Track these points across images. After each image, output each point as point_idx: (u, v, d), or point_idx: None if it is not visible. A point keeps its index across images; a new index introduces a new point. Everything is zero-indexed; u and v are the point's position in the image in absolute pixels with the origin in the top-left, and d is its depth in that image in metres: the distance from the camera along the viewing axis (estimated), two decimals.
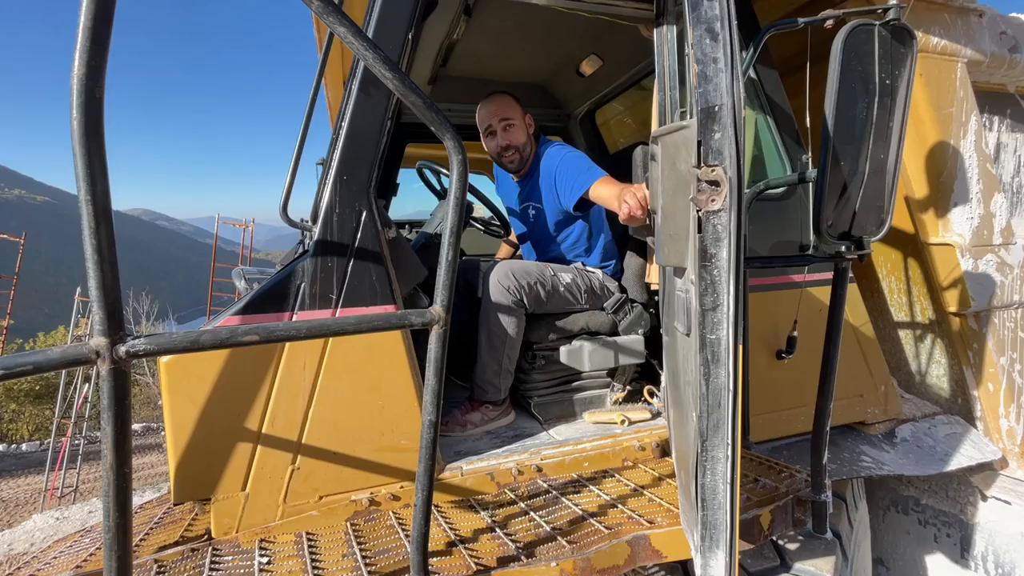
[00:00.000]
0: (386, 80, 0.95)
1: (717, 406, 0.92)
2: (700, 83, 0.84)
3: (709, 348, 0.90)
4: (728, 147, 0.83)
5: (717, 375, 0.90)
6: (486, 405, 2.05)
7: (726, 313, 0.87)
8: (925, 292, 2.60)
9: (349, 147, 1.55)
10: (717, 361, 0.89)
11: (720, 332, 0.89)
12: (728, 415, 0.90)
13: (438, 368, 1.07)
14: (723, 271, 0.86)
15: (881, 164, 1.21)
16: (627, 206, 1.41)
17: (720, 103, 0.83)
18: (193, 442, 1.44)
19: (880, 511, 3.29)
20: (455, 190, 1.04)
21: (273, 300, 1.50)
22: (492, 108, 2.21)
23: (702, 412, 0.93)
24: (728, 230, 0.85)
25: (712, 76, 0.84)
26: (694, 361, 0.94)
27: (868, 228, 1.28)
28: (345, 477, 1.57)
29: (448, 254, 1.05)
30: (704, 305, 0.89)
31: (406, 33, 1.59)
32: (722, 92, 0.83)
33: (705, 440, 0.94)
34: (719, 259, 0.87)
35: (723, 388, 0.91)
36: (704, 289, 0.88)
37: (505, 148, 2.20)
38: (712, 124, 0.84)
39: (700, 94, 0.84)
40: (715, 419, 0.92)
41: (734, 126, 0.83)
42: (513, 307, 1.95)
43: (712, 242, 0.86)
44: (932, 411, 2.56)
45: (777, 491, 1.55)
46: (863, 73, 1.16)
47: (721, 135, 0.84)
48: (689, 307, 0.96)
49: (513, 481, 1.72)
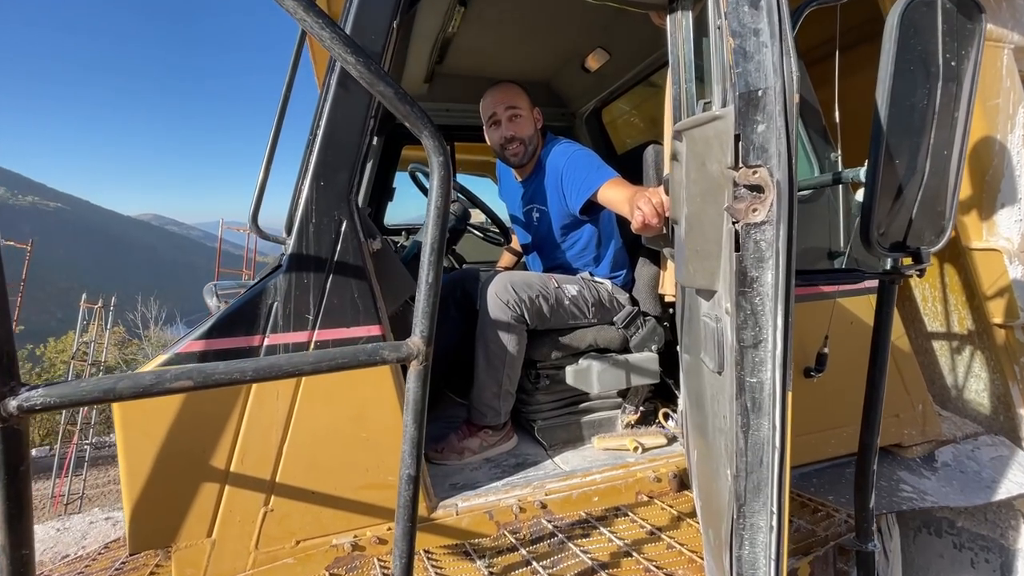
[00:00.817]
0: (348, 65, 0.78)
1: (759, 464, 0.74)
2: (738, 61, 0.66)
3: (749, 393, 0.72)
4: (776, 142, 0.65)
5: (759, 427, 0.72)
6: (485, 430, 1.88)
7: (771, 351, 0.69)
8: (964, 300, 2.38)
9: (327, 148, 1.38)
10: (759, 410, 0.71)
11: (763, 375, 0.71)
12: (773, 476, 0.72)
13: (418, 412, 0.90)
14: (767, 299, 0.68)
15: (943, 161, 1.03)
16: (641, 213, 1.23)
17: (765, 86, 0.65)
18: (151, 483, 1.27)
19: (911, 532, 3.06)
20: (435, 198, 0.87)
21: (242, 322, 1.33)
22: (498, 95, 2.02)
23: (739, 471, 0.75)
24: (774, 248, 0.67)
25: (753, 52, 0.65)
26: (728, 407, 0.76)
27: (926, 237, 1.09)
28: (325, 519, 1.41)
29: (428, 275, 0.87)
30: (743, 340, 0.71)
31: (391, 20, 1.41)
32: (767, 72, 0.65)
33: (743, 504, 0.76)
34: (762, 284, 0.68)
35: (766, 443, 0.72)
36: (743, 321, 0.70)
37: (509, 140, 2.01)
38: (754, 113, 0.66)
39: (738, 75, 0.66)
40: (756, 480, 0.74)
41: (784, 115, 0.64)
42: (513, 323, 1.77)
43: (754, 263, 0.68)
44: (974, 431, 2.34)
45: (815, 536, 1.36)
46: (923, 54, 0.98)
47: (766, 127, 0.65)
48: (721, 340, 0.78)
49: (514, 520, 1.54)
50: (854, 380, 1.83)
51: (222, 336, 1.32)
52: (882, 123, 0.98)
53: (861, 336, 2.06)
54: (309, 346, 1.38)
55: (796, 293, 1.99)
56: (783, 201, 0.66)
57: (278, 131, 1.58)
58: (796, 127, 0.66)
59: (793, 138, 0.66)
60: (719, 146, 0.71)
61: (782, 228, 0.67)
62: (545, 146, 2.07)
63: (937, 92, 0.99)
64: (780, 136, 0.65)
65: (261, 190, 1.57)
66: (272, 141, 1.57)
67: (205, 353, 1.31)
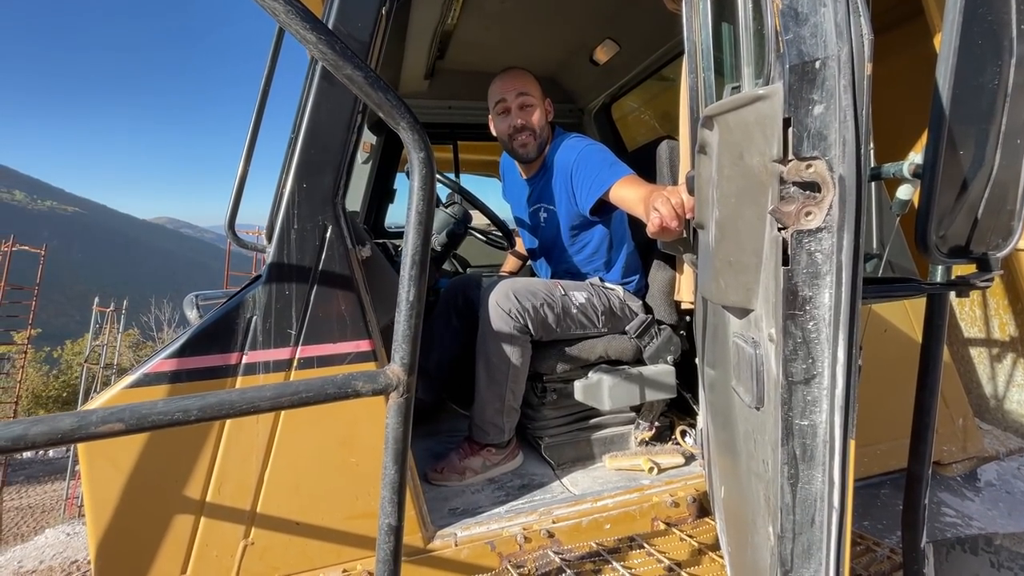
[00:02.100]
0: (308, 44, 0.65)
1: (809, 525, 0.60)
2: (787, 26, 0.51)
3: (798, 439, 0.58)
4: (839, 128, 0.50)
5: (810, 479, 0.58)
6: (488, 448, 1.74)
7: (827, 389, 0.55)
8: (1006, 305, 2.21)
9: (310, 147, 1.26)
10: (811, 460, 0.57)
11: (817, 417, 0.56)
12: (830, 541, 0.58)
13: (399, 452, 0.77)
14: (824, 324, 0.54)
15: (1016, 150, 0.87)
16: (658, 215, 1.09)
17: (824, 55, 0.50)
18: (119, 516, 1.16)
19: (943, 549, 2.88)
20: (416, 202, 0.74)
21: (218, 338, 1.22)
22: (508, 81, 1.86)
23: (785, 530, 0.61)
24: (834, 261, 0.53)
25: (808, 13, 0.50)
26: (771, 453, 0.62)
27: (991, 240, 0.93)
28: (311, 552, 1.29)
29: (409, 292, 0.75)
30: (791, 375, 0.57)
31: (379, 6, 1.29)
32: (827, 37, 0.50)
33: (788, 571, 0.62)
34: (817, 306, 0.54)
35: (819, 499, 0.58)
36: (793, 351, 0.56)
37: (519, 129, 1.85)
38: (810, 90, 0.51)
39: (788, 43, 0.51)
40: (805, 543, 0.60)
41: (852, 93, 0.50)
42: (516, 334, 1.63)
43: (807, 280, 0.54)
44: (1019, 446, 2.16)
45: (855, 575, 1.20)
46: (995, 25, 0.83)
47: (825, 108, 0.51)
48: (761, 370, 0.64)
49: (518, 551, 1.41)
50: (890, 393, 1.67)
51: (196, 354, 1.21)
52: (944, 108, 0.83)
53: (897, 344, 1.90)
54: (292, 363, 1.27)
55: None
56: (848, 203, 0.52)
57: (256, 129, 1.46)
58: (868, 107, 0.52)
59: (864, 122, 0.51)
60: (761, 134, 0.57)
61: (845, 236, 0.52)
62: (553, 141, 1.93)
63: (1010, 71, 0.83)
64: (845, 119, 0.50)
65: (239, 193, 1.45)
66: (250, 140, 1.46)
67: (178, 372, 1.19)
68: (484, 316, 1.66)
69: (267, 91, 1.46)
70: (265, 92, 1.45)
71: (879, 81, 1.80)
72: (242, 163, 1.41)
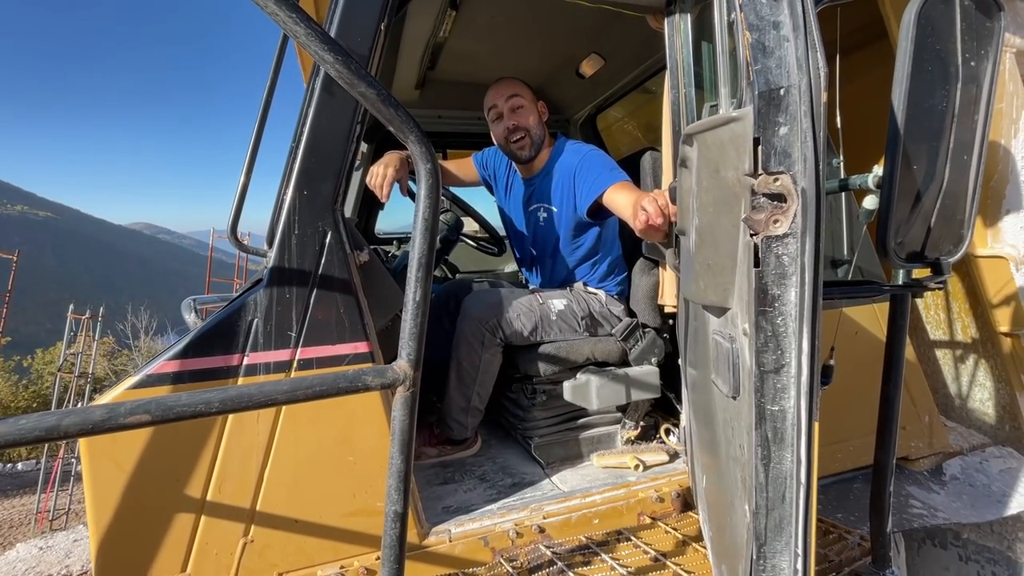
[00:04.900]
0: (326, 64, 0.71)
1: (780, 501, 0.67)
2: (756, 57, 0.60)
3: (769, 423, 0.65)
4: (800, 146, 0.58)
5: (781, 459, 0.65)
6: (447, 444, 1.85)
7: (795, 377, 0.63)
8: (967, 308, 2.34)
9: (310, 156, 1.31)
10: (781, 441, 0.64)
11: (786, 402, 0.64)
12: (798, 514, 0.65)
13: (405, 443, 0.82)
14: (790, 319, 0.62)
15: (963, 166, 0.97)
16: (645, 214, 1.16)
17: (787, 84, 0.59)
18: (120, 514, 1.18)
19: (915, 544, 3.00)
20: (423, 208, 0.80)
21: (220, 340, 1.25)
22: (499, 87, 1.95)
23: (759, 507, 0.68)
24: (799, 263, 0.60)
25: (774, 47, 0.59)
26: (746, 437, 0.69)
27: (944, 246, 1.03)
28: (309, 549, 1.32)
29: (416, 292, 0.80)
30: (763, 364, 0.64)
31: (379, 22, 1.35)
32: (790, 68, 0.59)
33: (763, 544, 0.69)
34: (785, 303, 0.62)
35: (789, 477, 0.66)
36: (764, 343, 0.63)
37: (513, 130, 1.92)
38: (775, 114, 0.59)
39: (757, 72, 0.59)
40: (777, 518, 0.67)
41: (811, 117, 0.58)
42: (486, 341, 1.73)
43: (775, 280, 0.62)
44: (981, 442, 2.29)
45: (828, 561, 1.28)
46: (942, 53, 0.92)
47: (789, 130, 0.59)
48: (737, 362, 0.71)
49: (511, 546, 1.46)
50: (861, 392, 1.77)
51: (198, 355, 1.24)
52: (899, 126, 0.92)
53: (867, 346, 2.01)
54: (292, 365, 1.30)
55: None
56: (809, 211, 0.60)
57: (259, 137, 1.50)
58: (824, 130, 0.60)
59: (821, 142, 0.59)
60: (735, 151, 0.64)
61: (807, 241, 0.60)
62: (556, 144, 2.01)
63: (956, 93, 0.93)
64: (805, 139, 0.59)
65: (241, 199, 1.49)
66: (253, 147, 1.50)
67: (180, 374, 1.22)
68: (459, 321, 1.76)
69: (269, 101, 1.50)
70: (267, 102, 1.50)
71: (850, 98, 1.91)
72: (244, 171, 1.45)
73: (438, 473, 1.83)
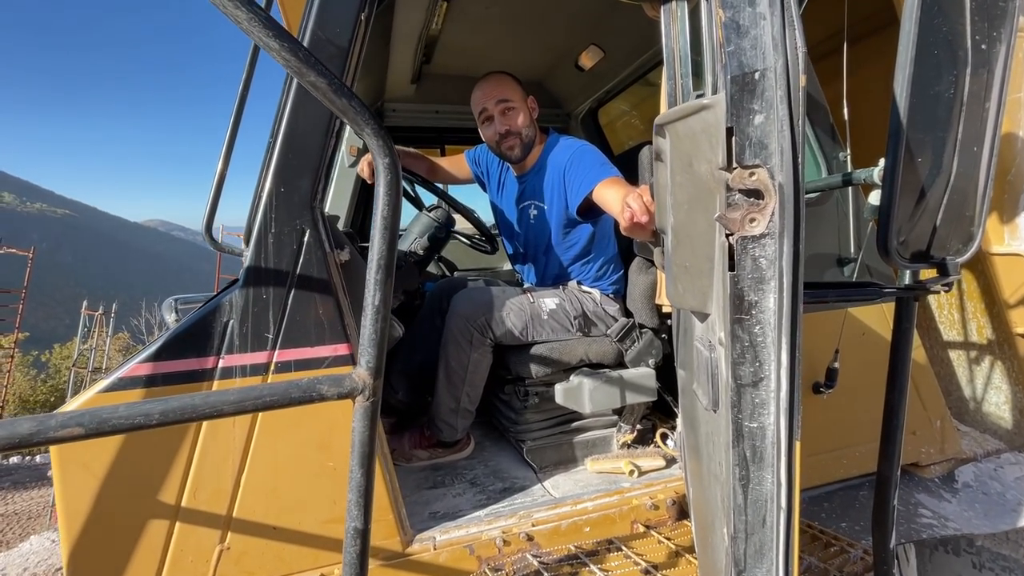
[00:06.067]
0: (271, 51, 0.66)
1: (760, 525, 0.61)
2: (729, 38, 0.53)
3: (747, 440, 0.59)
4: (777, 137, 0.52)
5: (760, 481, 0.60)
6: (438, 446, 1.81)
7: (774, 392, 0.57)
8: (983, 308, 2.24)
9: (287, 151, 1.26)
10: (760, 461, 0.59)
11: (764, 419, 0.58)
12: (779, 540, 0.59)
13: (365, 455, 0.78)
14: (769, 328, 0.56)
15: (972, 159, 0.90)
16: (629, 210, 1.10)
17: (763, 67, 0.52)
18: (92, 521, 1.16)
19: (927, 550, 2.91)
20: (382, 207, 0.75)
21: (194, 342, 1.22)
22: (487, 89, 1.89)
23: (737, 531, 0.62)
24: (777, 266, 0.54)
25: (748, 26, 0.52)
26: (724, 454, 0.64)
27: (952, 246, 0.95)
28: (287, 556, 1.29)
29: (375, 296, 0.75)
30: (740, 377, 0.58)
31: (359, 12, 1.30)
32: (765, 49, 0.52)
33: (742, 572, 0.63)
34: (763, 310, 0.56)
35: (769, 500, 0.60)
36: (740, 354, 0.57)
37: (505, 134, 1.87)
38: (750, 100, 0.52)
39: (730, 55, 0.53)
40: (757, 543, 0.62)
41: (788, 103, 0.52)
42: (474, 340, 1.68)
43: (752, 285, 0.56)
44: (996, 448, 2.19)
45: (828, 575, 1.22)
46: (949, 35, 0.85)
47: (765, 118, 0.52)
48: (715, 373, 0.65)
49: (497, 555, 1.41)
50: (867, 396, 1.70)
51: (172, 358, 1.20)
52: (901, 117, 0.85)
53: (874, 348, 1.92)
54: (269, 367, 1.27)
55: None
56: (787, 209, 0.53)
57: (235, 131, 1.46)
58: (803, 118, 0.54)
59: (799, 131, 0.53)
60: (708, 142, 0.58)
61: (786, 242, 0.54)
62: (548, 141, 1.95)
63: (965, 80, 0.86)
64: (783, 129, 0.52)
65: (216, 196, 1.45)
66: (228, 141, 1.46)
67: (153, 377, 1.19)
68: (447, 319, 1.72)
69: (245, 94, 1.46)
70: (243, 95, 1.46)
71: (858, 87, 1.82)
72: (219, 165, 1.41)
73: (428, 476, 1.79)
